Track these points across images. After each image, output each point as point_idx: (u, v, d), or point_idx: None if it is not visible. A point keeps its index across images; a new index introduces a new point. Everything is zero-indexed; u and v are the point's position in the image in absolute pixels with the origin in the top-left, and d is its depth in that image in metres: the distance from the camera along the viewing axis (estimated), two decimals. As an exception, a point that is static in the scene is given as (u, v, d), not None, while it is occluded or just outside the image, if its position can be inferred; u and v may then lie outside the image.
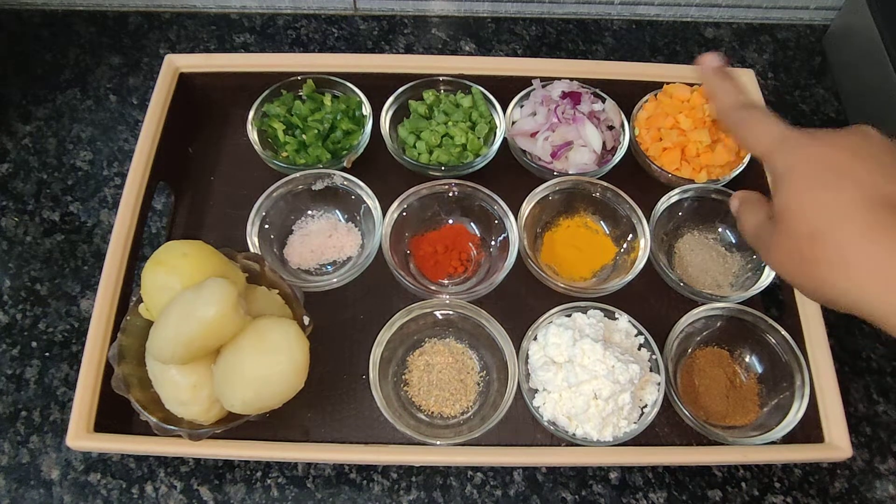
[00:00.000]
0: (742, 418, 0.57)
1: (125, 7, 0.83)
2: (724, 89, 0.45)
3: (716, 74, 0.46)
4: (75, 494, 0.57)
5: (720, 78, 0.46)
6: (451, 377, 0.58)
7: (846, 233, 0.33)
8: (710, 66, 0.46)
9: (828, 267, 0.34)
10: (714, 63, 0.46)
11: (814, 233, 0.34)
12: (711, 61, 0.46)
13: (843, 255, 0.33)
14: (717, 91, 0.45)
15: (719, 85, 0.45)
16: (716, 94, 0.45)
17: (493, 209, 0.62)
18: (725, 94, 0.44)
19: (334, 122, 0.66)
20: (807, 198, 0.35)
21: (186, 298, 0.47)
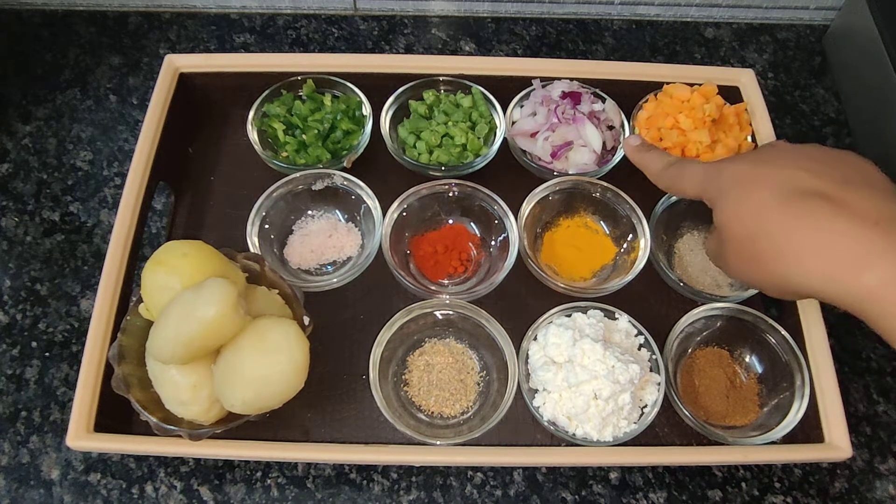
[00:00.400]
0: (742, 418, 0.57)
1: (125, 7, 0.83)
2: (651, 158, 0.52)
3: (640, 150, 0.54)
4: (75, 494, 0.57)
5: (644, 150, 0.53)
6: (451, 377, 0.58)
7: (772, 227, 0.38)
8: (633, 145, 0.55)
9: (769, 260, 0.39)
10: (635, 143, 0.55)
11: (749, 236, 0.40)
12: (633, 141, 0.55)
13: (776, 247, 0.38)
14: (646, 161, 0.52)
15: (646, 156, 0.53)
16: (647, 166, 0.52)
17: (493, 209, 0.62)
18: (653, 162, 0.52)
19: (334, 122, 0.66)
20: (735, 210, 0.41)
21: (186, 298, 0.47)
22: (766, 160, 0.41)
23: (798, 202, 0.37)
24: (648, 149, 0.53)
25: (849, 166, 0.40)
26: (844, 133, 0.78)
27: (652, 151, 0.52)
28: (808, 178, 0.38)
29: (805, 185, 0.38)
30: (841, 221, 0.36)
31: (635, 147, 0.54)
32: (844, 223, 0.36)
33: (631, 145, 0.55)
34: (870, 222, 0.35)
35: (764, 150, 0.43)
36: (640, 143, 0.54)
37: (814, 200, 0.37)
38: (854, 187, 0.37)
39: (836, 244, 0.36)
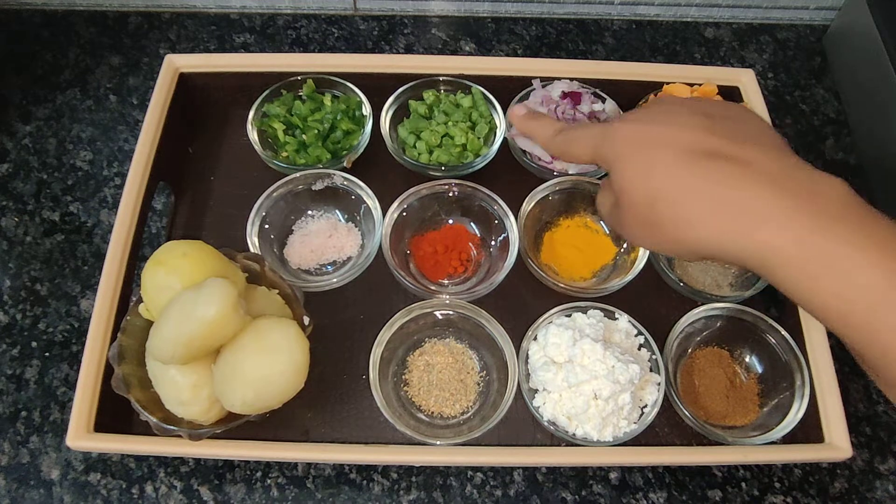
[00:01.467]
0: (742, 418, 0.57)
1: (125, 7, 0.83)
2: (539, 125, 0.50)
3: (527, 119, 0.51)
4: (75, 494, 0.57)
5: (531, 119, 0.51)
6: (451, 377, 0.58)
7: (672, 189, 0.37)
8: (519, 114, 0.52)
9: (671, 225, 0.38)
10: (521, 112, 0.52)
11: (649, 199, 0.39)
12: (519, 111, 0.52)
13: (676, 209, 0.37)
14: (535, 130, 0.50)
15: (534, 125, 0.50)
16: (536, 134, 0.50)
17: (493, 209, 0.62)
18: (542, 129, 0.49)
19: (334, 122, 0.66)
20: (634, 173, 0.40)
21: (186, 298, 0.47)
22: (662, 120, 0.40)
23: (698, 163, 0.37)
24: (536, 116, 0.51)
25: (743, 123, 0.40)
26: (844, 133, 0.78)
27: (540, 119, 0.50)
28: (706, 138, 0.38)
29: (704, 146, 0.37)
30: (740, 180, 0.36)
31: (522, 116, 0.52)
32: (743, 181, 0.36)
33: (517, 115, 0.52)
34: (767, 178, 0.35)
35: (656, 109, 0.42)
36: (526, 112, 0.52)
37: (713, 161, 0.37)
38: (751, 145, 0.37)
39: (736, 202, 0.35)
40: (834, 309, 0.33)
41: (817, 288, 0.34)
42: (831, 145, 0.77)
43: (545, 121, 0.49)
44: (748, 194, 0.35)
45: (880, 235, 0.33)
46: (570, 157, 0.46)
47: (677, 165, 0.37)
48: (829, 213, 0.34)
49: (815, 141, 0.77)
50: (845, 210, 0.34)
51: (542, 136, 0.49)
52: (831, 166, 0.75)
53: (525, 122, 0.51)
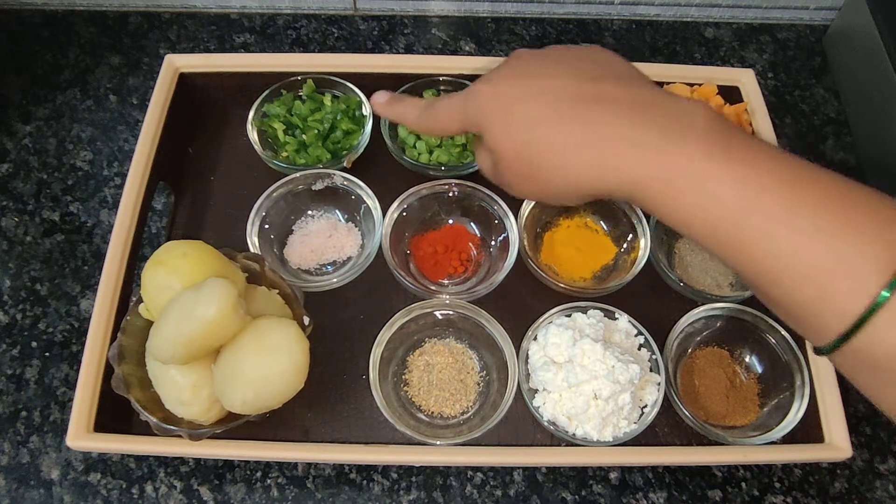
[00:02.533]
0: (742, 418, 0.57)
1: (125, 7, 0.83)
2: (404, 108, 0.48)
3: (391, 104, 0.50)
4: (75, 494, 0.57)
5: (395, 103, 0.49)
6: (451, 377, 0.58)
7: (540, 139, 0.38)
8: (381, 101, 0.50)
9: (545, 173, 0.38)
10: (382, 98, 0.50)
11: (520, 154, 0.39)
12: (380, 98, 0.50)
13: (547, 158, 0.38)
14: (401, 113, 0.49)
15: (398, 108, 0.49)
16: (403, 117, 0.49)
17: (493, 209, 0.62)
18: (407, 111, 0.48)
19: (334, 122, 0.66)
20: (505, 128, 0.40)
21: (186, 298, 0.47)
22: (523, 73, 0.40)
23: (559, 108, 0.37)
24: (399, 99, 0.49)
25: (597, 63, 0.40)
26: (844, 133, 0.78)
27: (403, 101, 0.49)
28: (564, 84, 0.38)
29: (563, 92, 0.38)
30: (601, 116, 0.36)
31: (384, 103, 0.50)
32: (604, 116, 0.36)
33: (379, 102, 0.50)
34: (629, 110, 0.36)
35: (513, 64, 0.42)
36: (388, 97, 0.50)
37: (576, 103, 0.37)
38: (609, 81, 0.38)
39: (600, 138, 0.36)
40: (700, 223, 0.34)
41: (683, 204, 0.34)
42: (831, 145, 0.77)
43: (408, 101, 0.48)
44: (611, 129, 0.36)
45: (741, 148, 0.33)
46: (440, 131, 0.46)
47: (540, 114, 0.38)
48: (693, 134, 0.34)
49: (815, 141, 0.77)
50: (708, 130, 0.34)
51: (410, 117, 0.48)
52: (831, 166, 0.75)
53: (389, 107, 0.49)
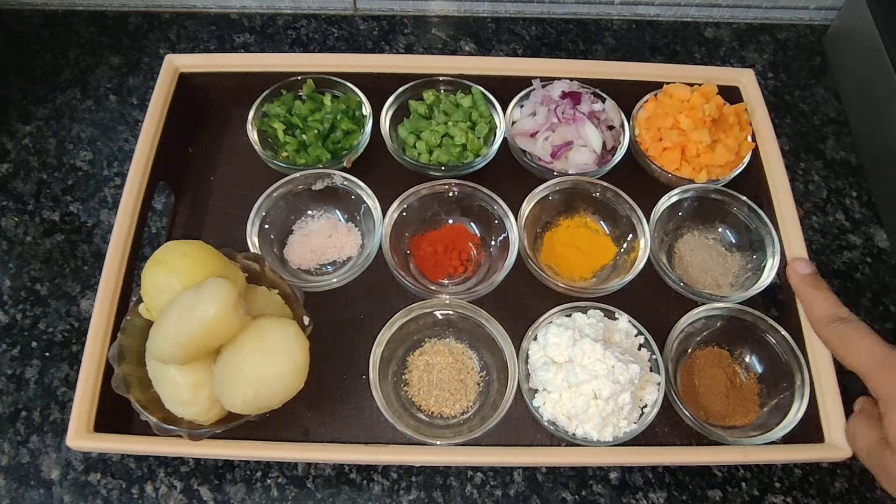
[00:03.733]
0: (742, 418, 0.57)
1: (125, 7, 0.83)
2: (819, 299, 0.45)
3: (808, 283, 0.46)
4: (75, 494, 0.57)
5: (813, 286, 0.46)
6: (451, 377, 0.58)
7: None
8: (802, 273, 0.47)
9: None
10: (805, 271, 0.47)
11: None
12: (802, 269, 0.47)
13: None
14: (812, 302, 0.45)
15: (814, 294, 0.45)
16: (811, 305, 0.45)
17: (493, 209, 0.62)
18: (821, 306, 0.44)
19: (334, 122, 0.66)
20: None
21: (186, 298, 0.47)
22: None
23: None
24: (818, 286, 0.46)
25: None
26: (845, 133, 0.78)
27: (820, 290, 0.46)
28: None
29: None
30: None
31: (804, 277, 0.47)
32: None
33: (799, 273, 0.47)
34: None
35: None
36: (809, 273, 0.47)
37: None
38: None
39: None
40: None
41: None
42: (831, 145, 0.77)
43: (825, 295, 0.45)
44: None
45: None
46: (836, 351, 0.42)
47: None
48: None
49: (815, 141, 0.77)
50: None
51: (816, 314, 0.45)
52: (832, 165, 0.75)
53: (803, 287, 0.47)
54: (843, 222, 0.72)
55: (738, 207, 0.64)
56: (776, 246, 0.61)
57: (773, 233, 0.61)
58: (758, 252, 0.62)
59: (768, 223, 0.62)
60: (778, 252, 0.60)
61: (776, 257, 0.60)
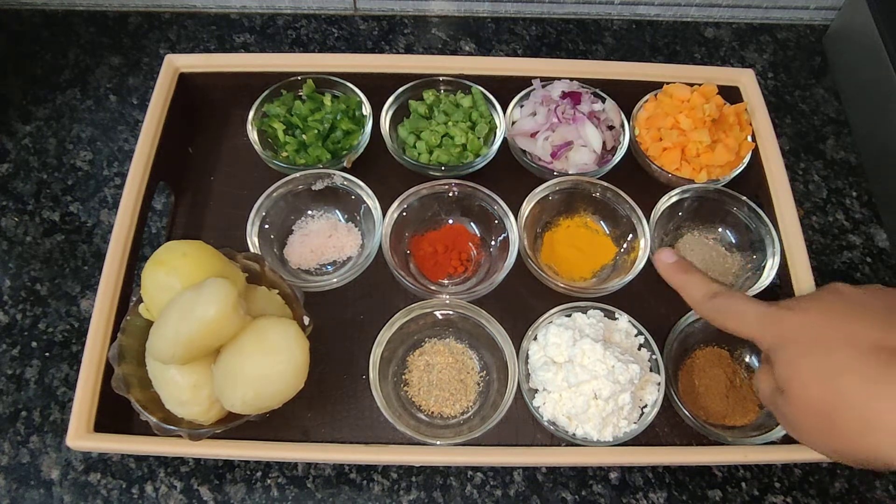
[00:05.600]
0: (742, 418, 0.57)
1: (125, 7, 0.83)
2: (691, 281, 0.46)
3: (677, 270, 0.47)
4: (75, 494, 0.57)
5: (683, 272, 0.47)
6: (451, 377, 0.58)
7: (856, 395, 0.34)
8: (668, 262, 0.48)
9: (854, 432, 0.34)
10: (671, 259, 0.48)
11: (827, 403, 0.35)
12: (667, 258, 0.48)
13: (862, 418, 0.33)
14: (686, 286, 0.46)
15: (686, 279, 0.47)
16: (686, 289, 0.46)
17: (493, 209, 0.62)
18: (694, 287, 0.46)
19: (334, 122, 0.66)
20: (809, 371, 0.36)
21: (186, 298, 0.47)
22: (835, 312, 0.37)
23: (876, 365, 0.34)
24: (686, 269, 0.47)
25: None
26: (845, 133, 0.78)
27: (690, 273, 0.46)
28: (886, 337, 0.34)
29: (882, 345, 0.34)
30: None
31: (670, 265, 0.47)
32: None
33: (664, 262, 0.48)
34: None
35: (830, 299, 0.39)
36: (675, 262, 0.47)
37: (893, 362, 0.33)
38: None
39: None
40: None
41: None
42: (832, 145, 0.77)
43: (695, 276, 0.46)
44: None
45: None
46: (721, 326, 0.43)
47: (862, 366, 0.34)
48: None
49: (815, 141, 0.77)
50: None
51: (692, 296, 0.45)
52: (832, 165, 0.75)
53: (673, 273, 0.47)
54: (843, 222, 0.72)
55: (738, 207, 0.64)
56: (776, 246, 0.61)
57: (773, 233, 0.61)
58: (758, 252, 0.62)
59: (768, 223, 0.62)
60: (778, 252, 0.60)
61: (776, 257, 0.60)
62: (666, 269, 0.48)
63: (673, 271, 0.48)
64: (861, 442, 0.34)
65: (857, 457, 0.35)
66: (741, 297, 0.43)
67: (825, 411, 0.35)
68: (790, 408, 0.38)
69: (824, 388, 0.35)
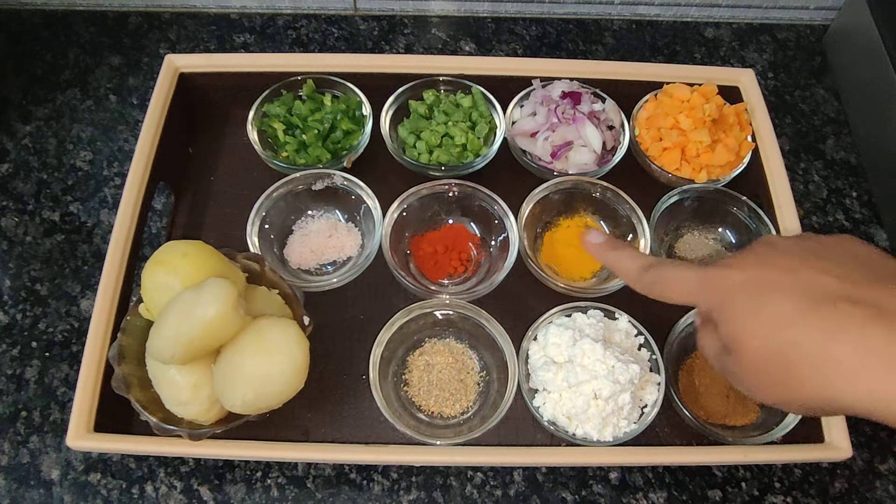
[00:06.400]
0: (742, 418, 0.57)
1: (125, 7, 0.83)
2: (623, 257, 0.45)
3: (607, 248, 0.47)
4: (75, 494, 0.57)
5: (613, 249, 0.46)
6: (451, 377, 0.58)
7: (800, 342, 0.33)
8: (596, 242, 0.47)
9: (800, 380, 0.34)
10: (598, 240, 0.47)
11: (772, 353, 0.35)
12: (595, 238, 0.47)
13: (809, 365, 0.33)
14: (619, 263, 0.46)
15: (617, 256, 0.46)
16: (619, 266, 0.46)
17: (493, 209, 0.62)
18: (627, 262, 0.45)
19: (334, 122, 0.66)
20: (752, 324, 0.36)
21: (186, 298, 0.47)
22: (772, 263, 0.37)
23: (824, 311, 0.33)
24: (616, 246, 0.46)
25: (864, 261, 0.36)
26: (845, 133, 0.78)
27: (621, 250, 0.46)
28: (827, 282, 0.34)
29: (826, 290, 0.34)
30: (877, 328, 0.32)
31: (599, 245, 0.47)
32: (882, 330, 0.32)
33: (593, 243, 0.47)
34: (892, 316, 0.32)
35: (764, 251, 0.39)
36: (604, 241, 0.47)
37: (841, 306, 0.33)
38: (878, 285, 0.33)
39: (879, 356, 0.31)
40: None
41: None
42: (831, 145, 0.77)
43: (627, 252, 0.45)
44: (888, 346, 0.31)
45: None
46: (659, 297, 0.42)
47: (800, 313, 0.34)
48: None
49: (815, 141, 0.77)
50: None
51: (626, 271, 0.44)
52: (832, 165, 0.75)
53: (604, 252, 0.47)
54: (843, 222, 0.72)
55: (738, 207, 0.64)
56: (776, 246, 0.61)
57: (774, 233, 0.61)
58: (758, 252, 0.62)
59: (768, 223, 0.62)
60: (778, 252, 0.60)
61: (776, 257, 0.60)
62: (596, 250, 0.47)
63: (604, 250, 0.47)
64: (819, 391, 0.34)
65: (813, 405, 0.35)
66: (676, 264, 0.42)
67: (779, 363, 0.35)
68: (739, 365, 0.38)
69: (775, 340, 0.35)
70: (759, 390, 0.37)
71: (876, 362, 0.31)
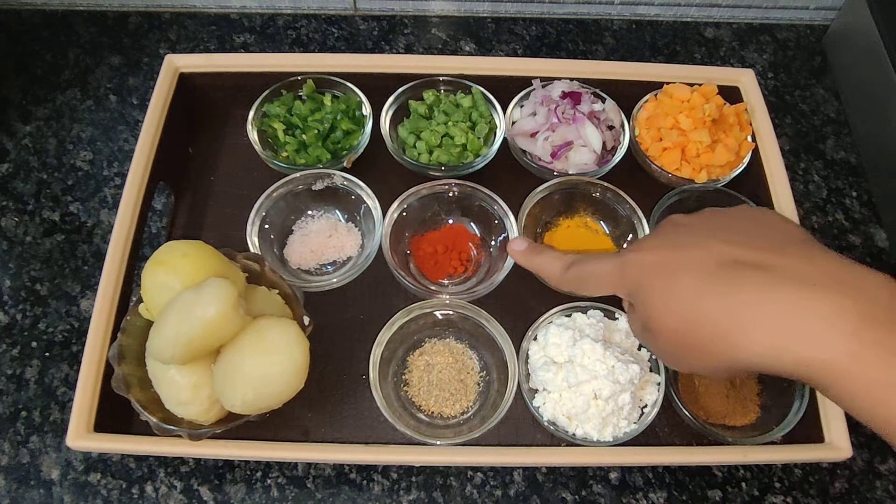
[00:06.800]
0: (742, 418, 0.57)
1: (125, 7, 0.83)
2: (545, 260, 0.47)
3: (530, 254, 0.49)
4: (75, 494, 0.57)
5: (536, 254, 0.48)
6: (451, 377, 0.58)
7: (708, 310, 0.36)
8: (519, 250, 0.49)
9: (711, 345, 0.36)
10: (521, 247, 0.49)
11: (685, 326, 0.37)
12: (518, 246, 0.49)
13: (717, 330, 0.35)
14: (542, 266, 0.48)
15: (538, 260, 0.48)
16: (542, 270, 0.48)
17: (493, 209, 0.62)
18: (548, 265, 0.47)
19: (334, 122, 0.66)
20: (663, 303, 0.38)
21: (186, 298, 0.47)
22: (679, 243, 0.39)
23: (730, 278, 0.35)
24: (539, 251, 0.48)
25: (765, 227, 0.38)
26: (845, 133, 0.78)
27: (543, 254, 0.47)
28: (730, 250, 0.36)
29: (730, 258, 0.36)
30: (779, 289, 0.33)
31: (523, 252, 0.49)
32: (783, 291, 0.33)
33: (517, 250, 0.49)
34: (808, 284, 0.33)
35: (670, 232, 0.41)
36: (526, 247, 0.49)
37: (744, 272, 0.35)
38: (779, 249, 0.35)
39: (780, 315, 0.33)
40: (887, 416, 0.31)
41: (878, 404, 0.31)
42: (831, 145, 0.77)
43: (549, 255, 0.47)
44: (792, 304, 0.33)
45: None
46: (584, 293, 0.44)
47: (703, 285, 0.36)
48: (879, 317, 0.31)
49: (815, 141, 0.77)
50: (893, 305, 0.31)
51: (551, 272, 0.46)
52: (832, 165, 0.75)
53: (528, 258, 0.48)
54: (842, 222, 0.72)
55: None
56: (776, 246, 0.61)
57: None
58: (758, 252, 0.62)
59: (768, 223, 0.62)
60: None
61: (776, 257, 0.60)
62: (521, 257, 0.49)
63: (528, 255, 0.49)
64: (727, 353, 0.36)
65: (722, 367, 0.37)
66: (594, 257, 0.44)
67: (692, 336, 0.37)
68: (659, 343, 0.40)
69: (684, 314, 0.37)
70: (677, 361, 0.40)
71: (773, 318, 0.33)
